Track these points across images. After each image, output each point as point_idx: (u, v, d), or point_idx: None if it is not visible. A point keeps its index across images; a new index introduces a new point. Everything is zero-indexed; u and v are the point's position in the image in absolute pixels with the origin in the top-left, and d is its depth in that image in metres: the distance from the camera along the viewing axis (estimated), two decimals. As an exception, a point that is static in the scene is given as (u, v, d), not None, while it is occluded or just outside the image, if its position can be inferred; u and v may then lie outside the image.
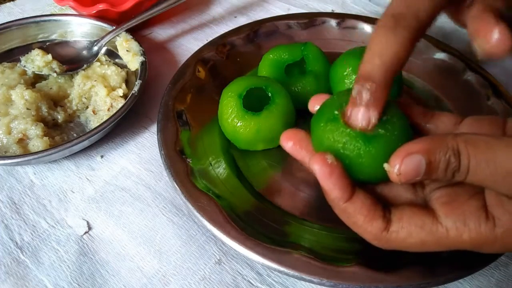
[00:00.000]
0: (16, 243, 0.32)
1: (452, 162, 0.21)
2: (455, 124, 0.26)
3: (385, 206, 0.24)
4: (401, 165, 0.21)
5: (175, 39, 0.52)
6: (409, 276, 0.27)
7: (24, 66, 0.41)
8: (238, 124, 0.34)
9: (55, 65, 0.42)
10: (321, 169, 0.22)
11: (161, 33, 0.52)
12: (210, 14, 0.56)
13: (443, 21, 0.59)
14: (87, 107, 0.41)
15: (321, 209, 0.33)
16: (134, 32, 0.46)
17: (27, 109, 0.38)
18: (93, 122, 0.40)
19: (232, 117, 0.34)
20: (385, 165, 0.22)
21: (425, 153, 0.21)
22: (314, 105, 0.28)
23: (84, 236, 0.33)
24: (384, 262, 0.28)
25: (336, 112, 0.24)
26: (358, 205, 0.23)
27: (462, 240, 0.22)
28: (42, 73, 0.41)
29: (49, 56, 0.42)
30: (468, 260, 0.28)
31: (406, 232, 0.23)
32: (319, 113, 0.26)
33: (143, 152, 0.39)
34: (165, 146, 0.35)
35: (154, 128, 0.41)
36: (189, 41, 0.51)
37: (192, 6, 0.57)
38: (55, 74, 0.41)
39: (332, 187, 0.22)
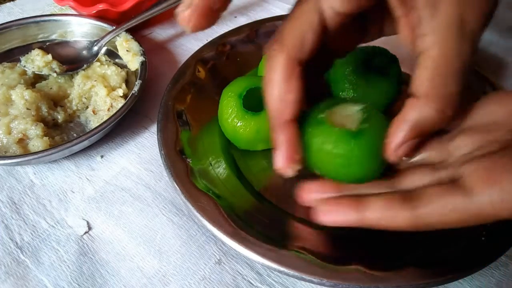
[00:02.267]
0: (16, 243, 0.32)
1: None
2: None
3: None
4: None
5: (175, 39, 0.52)
6: (409, 276, 0.27)
7: (24, 66, 0.41)
8: (238, 124, 0.34)
9: (55, 65, 0.42)
10: (323, 220, 0.24)
11: (161, 33, 0.52)
12: (210, 14, 0.56)
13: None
14: (87, 107, 0.41)
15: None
16: (134, 32, 0.46)
17: (27, 109, 0.38)
18: (93, 122, 0.40)
19: (232, 117, 0.34)
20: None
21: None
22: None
23: (84, 236, 0.33)
24: (384, 262, 0.28)
25: (321, 116, 0.25)
26: (374, 217, 0.23)
27: (501, 216, 0.20)
28: (42, 73, 0.41)
29: (49, 56, 0.42)
30: (468, 260, 0.28)
31: (438, 215, 0.21)
32: (303, 123, 0.26)
33: (143, 152, 0.39)
34: (165, 146, 0.35)
35: (154, 128, 0.41)
36: (189, 41, 0.51)
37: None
38: (55, 74, 0.41)
39: (340, 223, 0.24)
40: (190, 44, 0.51)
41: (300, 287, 0.30)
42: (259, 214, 0.32)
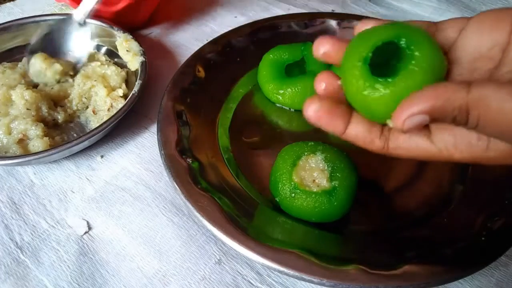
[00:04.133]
0: (16, 243, 0.32)
1: (459, 120, 0.21)
2: (459, 31, 0.24)
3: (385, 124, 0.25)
4: (403, 126, 0.21)
5: (175, 39, 0.52)
6: (409, 276, 0.27)
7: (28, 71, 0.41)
8: (370, 97, 0.24)
9: (57, 67, 0.42)
10: (309, 117, 0.25)
11: (161, 33, 0.52)
12: (210, 14, 0.56)
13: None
14: (87, 107, 0.41)
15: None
16: (134, 32, 0.46)
17: (27, 109, 0.38)
18: (93, 122, 0.40)
19: (361, 90, 0.24)
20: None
21: (429, 113, 0.21)
22: (318, 48, 0.27)
23: (84, 236, 0.33)
24: (384, 262, 0.28)
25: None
26: (353, 134, 0.25)
27: (454, 158, 0.23)
28: (45, 81, 0.41)
29: (57, 65, 0.41)
30: (468, 260, 0.28)
31: (404, 150, 0.24)
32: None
33: (143, 152, 0.39)
34: (165, 146, 0.35)
35: (154, 128, 0.41)
36: (189, 41, 0.51)
37: (192, 6, 0.57)
38: (55, 82, 0.42)
39: (326, 128, 0.25)
40: (190, 44, 0.51)
41: (300, 287, 0.30)
42: (259, 214, 0.32)
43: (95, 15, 0.46)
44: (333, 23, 0.49)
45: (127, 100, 0.38)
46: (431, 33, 0.25)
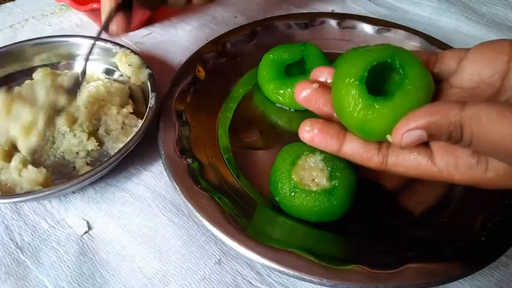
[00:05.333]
0: (17, 243, 0.32)
1: (454, 136, 0.21)
2: (459, 62, 0.26)
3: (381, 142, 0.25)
4: (401, 140, 0.23)
5: (175, 39, 0.52)
6: (409, 276, 0.27)
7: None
8: (368, 116, 0.25)
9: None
10: (304, 138, 0.27)
11: (161, 33, 0.52)
12: (210, 14, 0.56)
13: (443, 20, 0.59)
14: (97, 129, 0.39)
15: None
16: (132, 34, 0.45)
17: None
18: (108, 142, 0.38)
19: (358, 109, 0.25)
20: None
21: (426, 128, 0.22)
22: (300, 93, 0.28)
23: (84, 236, 0.33)
24: (384, 262, 0.28)
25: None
26: (349, 152, 0.26)
27: (454, 180, 0.24)
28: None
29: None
30: (468, 260, 0.28)
31: (403, 167, 0.25)
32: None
33: (143, 152, 0.39)
34: (165, 146, 0.35)
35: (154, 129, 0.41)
36: (189, 41, 0.51)
37: (192, 6, 0.57)
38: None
39: (320, 147, 0.27)
40: (190, 44, 0.51)
41: (300, 287, 0.30)
42: (259, 214, 0.32)
43: (94, 15, 0.45)
44: (333, 23, 0.49)
45: (145, 115, 0.36)
46: (432, 63, 0.27)
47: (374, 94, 0.24)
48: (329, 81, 0.28)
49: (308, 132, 0.26)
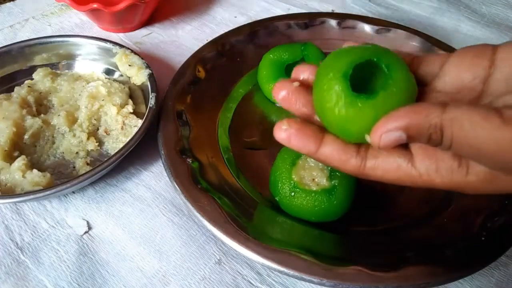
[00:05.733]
0: (17, 243, 0.32)
1: (434, 139, 0.21)
2: (441, 65, 0.25)
3: (360, 144, 0.24)
4: (380, 141, 0.22)
5: (175, 39, 0.52)
6: (409, 276, 0.27)
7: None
8: (350, 114, 0.24)
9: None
10: (280, 138, 0.25)
11: (161, 33, 0.52)
12: (210, 14, 0.56)
13: (443, 20, 0.59)
14: (97, 129, 0.39)
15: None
16: (132, 33, 0.45)
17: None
18: (108, 142, 0.38)
19: (340, 106, 0.24)
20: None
21: (405, 130, 0.21)
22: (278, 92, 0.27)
23: (84, 236, 0.33)
24: (384, 262, 0.28)
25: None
26: (327, 153, 0.24)
27: (434, 183, 0.23)
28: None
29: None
30: (468, 260, 0.28)
31: (382, 171, 0.24)
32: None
33: (143, 152, 0.39)
34: (165, 146, 0.35)
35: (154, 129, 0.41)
36: (189, 41, 0.51)
37: (192, 6, 0.57)
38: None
39: (297, 148, 0.25)
40: (190, 44, 0.51)
41: (300, 287, 0.30)
42: (259, 214, 0.32)
43: (93, 15, 0.45)
44: (333, 23, 0.49)
45: (145, 115, 0.36)
46: (415, 65, 0.26)
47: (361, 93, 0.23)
48: (310, 78, 0.26)
49: (285, 130, 0.24)
